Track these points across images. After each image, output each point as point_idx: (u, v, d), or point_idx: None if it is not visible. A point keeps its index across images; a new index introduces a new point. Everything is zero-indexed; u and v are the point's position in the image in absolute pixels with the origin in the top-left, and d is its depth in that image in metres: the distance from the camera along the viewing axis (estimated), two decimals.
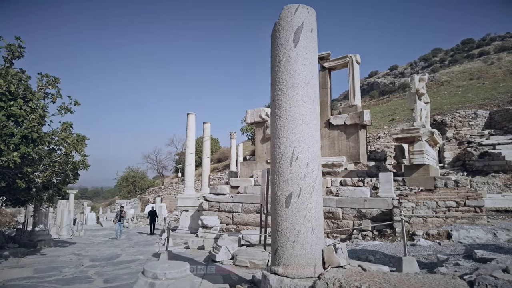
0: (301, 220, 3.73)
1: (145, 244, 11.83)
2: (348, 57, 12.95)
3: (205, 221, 10.14)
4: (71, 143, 8.11)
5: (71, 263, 8.17)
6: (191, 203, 13.55)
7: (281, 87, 4.01)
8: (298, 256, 3.67)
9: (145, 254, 9.23)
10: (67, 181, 10.02)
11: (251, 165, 12.64)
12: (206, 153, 15.96)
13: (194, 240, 9.99)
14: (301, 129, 3.89)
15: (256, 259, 6.25)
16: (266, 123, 12.41)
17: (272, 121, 4.09)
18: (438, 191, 7.37)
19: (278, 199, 3.85)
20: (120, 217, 15.74)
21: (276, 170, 3.93)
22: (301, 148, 3.85)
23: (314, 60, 4.17)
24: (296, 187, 3.78)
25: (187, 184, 14.12)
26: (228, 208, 11.60)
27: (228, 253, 6.89)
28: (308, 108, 3.96)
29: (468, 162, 16.82)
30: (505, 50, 53.97)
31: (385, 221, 8.48)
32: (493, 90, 26.88)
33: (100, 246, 11.74)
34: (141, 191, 42.81)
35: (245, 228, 10.98)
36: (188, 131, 14.35)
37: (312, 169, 3.88)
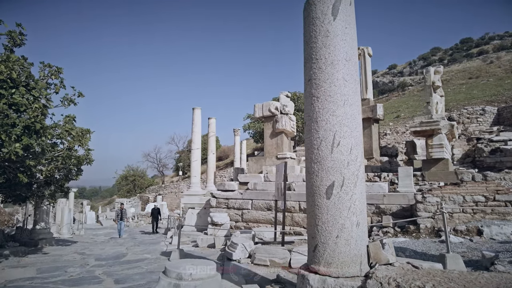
0: (344, 213, 3.32)
1: (150, 243, 11.40)
2: (360, 49, 12.55)
3: (215, 218, 9.73)
4: (76, 135, 7.66)
5: (76, 263, 7.73)
6: (198, 200, 13.13)
7: (318, 64, 3.59)
8: (342, 253, 3.26)
9: (153, 253, 8.81)
10: (69, 177, 9.57)
11: (259, 160, 12.22)
12: (212, 149, 15.54)
13: (204, 238, 9.57)
14: (343, 111, 3.47)
15: (277, 257, 5.84)
16: (275, 117, 12.00)
17: (307, 103, 3.67)
18: (465, 185, 6.99)
19: (317, 190, 3.43)
20: (121, 215, 15.13)
21: (313, 157, 3.51)
22: (343, 132, 3.43)
23: (354, 36, 3.76)
24: (338, 176, 3.36)
25: (193, 180, 13.70)
26: (237, 205, 11.18)
27: (245, 251, 6.47)
28: (350, 88, 3.55)
29: (479, 158, 16.47)
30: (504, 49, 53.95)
31: (405, 217, 8.10)
32: (499, 87, 26.59)
33: (103, 245, 11.29)
34: (141, 190, 42.28)
35: (256, 225, 10.57)
36: (194, 126, 13.92)
37: (355, 155, 3.47)
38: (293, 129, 12.09)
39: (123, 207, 15.78)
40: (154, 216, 17.29)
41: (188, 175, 44.62)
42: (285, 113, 11.94)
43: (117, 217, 15.21)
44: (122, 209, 15.41)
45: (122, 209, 15.42)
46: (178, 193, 33.91)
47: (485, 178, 6.86)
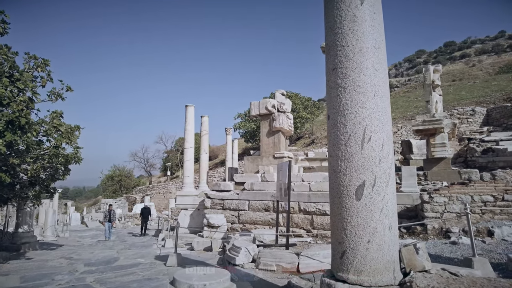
0: (376, 215, 3.00)
1: (142, 246, 10.87)
2: None
3: (211, 220, 9.32)
4: (64, 132, 7.11)
5: (63, 269, 7.19)
6: (191, 201, 12.66)
7: (345, 52, 3.27)
8: (374, 260, 2.95)
9: (146, 257, 8.32)
10: (56, 176, 8.97)
11: (256, 160, 11.86)
12: (204, 148, 15.08)
13: (200, 240, 9.15)
14: (374, 103, 3.16)
15: (284, 261, 5.50)
16: (272, 116, 11.66)
17: (332, 94, 3.34)
18: (473, 184, 6.82)
19: (345, 190, 3.11)
20: (109, 217, 14.35)
21: (340, 154, 3.18)
22: (374, 126, 3.12)
23: (382, 23, 3.45)
24: (369, 174, 3.05)
25: (186, 181, 13.22)
26: (234, 206, 10.79)
27: (249, 256, 6.11)
28: (380, 78, 3.25)
29: (471, 158, 16.57)
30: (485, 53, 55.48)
31: (410, 218, 7.91)
32: (486, 89, 27.06)
33: (92, 248, 10.70)
34: (127, 190, 41.27)
35: (253, 227, 10.21)
36: (187, 124, 13.44)
37: (387, 152, 3.16)
38: (290, 127, 11.79)
39: (112, 208, 14.97)
40: (144, 216, 16.28)
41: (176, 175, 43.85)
42: (283, 111, 11.63)
43: (105, 218, 14.44)
44: (110, 210, 14.61)
45: (111, 210, 14.64)
46: (166, 193, 33.20)
47: (494, 177, 6.71)
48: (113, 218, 14.52)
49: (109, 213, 14.52)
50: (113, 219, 14.53)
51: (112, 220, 14.40)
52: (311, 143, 30.22)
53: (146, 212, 16.49)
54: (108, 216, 14.41)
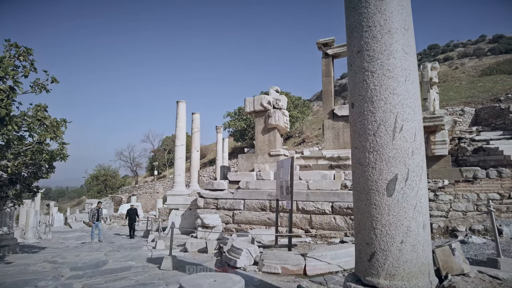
0: (410, 213, 2.70)
1: (131, 248, 10.34)
2: None
3: (206, 220, 8.91)
4: (50, 125, 6.58)
5: (47, 274, 6.66)
6: (182, 201, 12.20)
7: (372, 33, 2.96)
8: (408, 262, 2.64)
9: (137, 260, 7.85)
10: (39, 174, 8.39)
11: (250, 158, 11.50)
12: (196, 146, 14.63)
13: (194, 242, 8.72)
14: (405, 88, 2.86)
15: (289, 264, 5.17)
16: (268, 112, 11.33)
17: (357, 79, 3.02)
18: (479, 182, 6.67)
19: (374, 186, 2.79)
20: (98, 216, 13.34)
21: (368, 146, 2.87)
22: (406, 114, 2.82)
23: (409, 2, 3.16)
24: (402, 167, 2.74)
25: (177, 179, 12.74)
26: (228, 205, 10.40)
27: (250, 258, 5.75)
28: (410, 62, 2.95)
29: (462, 157, 16.68)
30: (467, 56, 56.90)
31: None
32: (472, 89, 27.52)
33: (77, 251, 10.11)
34: (112, 190, 40.18)
35: (249, 227, 9.85)
36: (178, 121, 12.96)
37: (420, 143, 2.87)
38: (286, 124, 11.49)
39: (101, 206, 13.97)
40: (131, 217, 15.19)
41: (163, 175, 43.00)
42: (278, 108, 11.31)
43: (93, 217, 13.32)
44: (99, 209, 13.62)
45: (99, 209, 13.63)
46: (154, 193, 32.43)
47: (500, 174, 6.57)
48: (101, 217, 13.63)
49: (97, 211, 13.48)
50: (101, 218, 13.65)
51: (100, 219, 13.49)
52: (302, 142, 30.08)
53: (133, 213, 15.29)
54: (97, 215, 13.36)
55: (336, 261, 5.13)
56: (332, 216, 8.65)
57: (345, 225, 8.47)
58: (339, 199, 8.63)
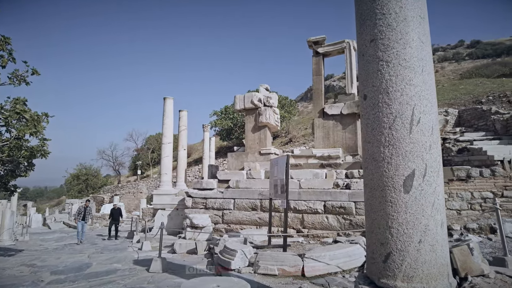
0: (428, 211, 2.55)
1: (116, 249, 9.91)
2: (345, 42, 12.13)
3: (195, 220, 8.62)
4: (30, 119, 6.14)
5: (25, 279, 6.22)
6: (169, 201, 11.83)
7: (387, 21, 2.79)
8: (427, 263, 2.49)
9: (123, 262, 7.48)
10: (17, 172, 7.89)
11: (240, 157, 11.26)
12: (183, 144, 14.26)
13: (182, 243, 8.40)
14: (422, 79, 2.71)
15: (287, 265, 4.98)
16: (258, 110, 11.12)
17: (371, 70, 2.85)
18: (473, 181, 6.68)
19: (390, 182, 2.62)
20: (84, 214, 12.30)
21: (383, 139, 2.70)
22: (423, 106, 2.67)
23: None
24: (419, 162, 2.59)
25: (163, 178, 12.35)
26: (217, 205, 10.13)
27: (245, 259, 5.51)
28: (427, 52, 2.80)
29: (447, 157, 16.97)
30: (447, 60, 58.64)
31: None
32: (455, 91, 28.21)
33: (58, 253, 9.60)
34: (94, 190, 39.02)
35: (239, 227, 9.61)
36: (165, 117, 12.57)
37: (437, 137, 2.73)
38: (277, 123, 11.32)
39: (88, 204, 12.90)
40: (115, 217, 14.03)
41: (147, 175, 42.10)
42: (269, 106, 11.13)
43: (78, 216, 12.24)
44: (86, 207, 12.57)
45: (87, 207, 12.59)
46: (137, 193, 31.65)
47: (493, 173, 6.60)
48: (88, 216, 12.73)
49: (84, 210, 12.39)
50: (88, 217, 12.71)
51: (87, 218, 12.57)
52: (289, 141, 30.05)
53: (116, 213, 14.13)
54: (83, 214, 12.28)
55: (335, 262, 4.98)
56: (325, 215, 8.53)
57: (338, 224, 8.36)
58: (332, 198, 8.51)
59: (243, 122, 32.06)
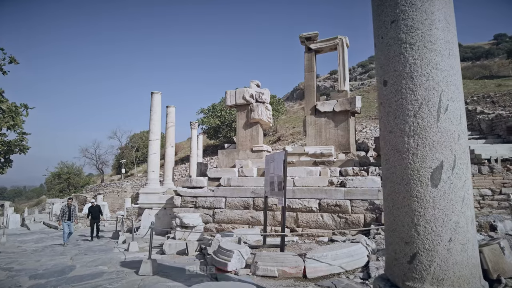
0: (458, 206, 2.33)
1: (101, 250, 9.42)
2: (338, 38, 11.98)
3: (186, 220, 8.27)
4: (7, 110, 5.65)
5: (2, 284, 5.75)
6: (157, 199, 11.40)
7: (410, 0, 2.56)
8: (458, 264, 2.27)
9: (110, 264, 7.05)
10: None
11: (231, 154, 10.94)
12: (170, 141, 13.83)
13: (172, 243, 8.03)
14: (449, 64, 2.48)
15: (287, 265, 4.72)
16: (250, 106, 10.83)
17: (392, 53, 2.60)
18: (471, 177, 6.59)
19: (416, 175, 2.39)
20: (69, 214, 11.23)
21: (407, 128, 2.46)
22: (451, 93, 2.44)
23: None
24: (448, 153, 2.36)
25: (150, 176, 11.89)
26: (208, 203, 9.79)
27: (242, 260, 5.23)
28: (453, 34, 2.58)
29: None
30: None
31: None
32: None
33: (38, 255, 9.03)
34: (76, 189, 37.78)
35: (230, 226, 9.30)
36: (153, 113, 12.11)
37: (465, 126, 2.52)
38: (269, 119, 11.05)
39: (71, 203, 11.80)
40: (94, 216, 12.93)
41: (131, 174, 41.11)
42: (262, 102, 10.85)
43: (63, 216, 11.27)
44: (70, 206, 11.54)
45: (71, 206, 11.55)
46: (121, 192, 30.82)
47: (492, 170, 6.55)
48: (73, 216, 11.46)
49: (68, 209, 11.37)
50: (74, 217, 11.48)
51: (73, 218, 11.39)
52: (277, 140, 29.88)
53: (96, 211, 13.10)
54: (68, 213, 11.25)
55: (338, 262, 4.75)
56: (320, 213, 8.33)
57: (333, 223, 8.17)
58: (327, 196, 8.32)
59: (231, 120, 31.74)
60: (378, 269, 4.45)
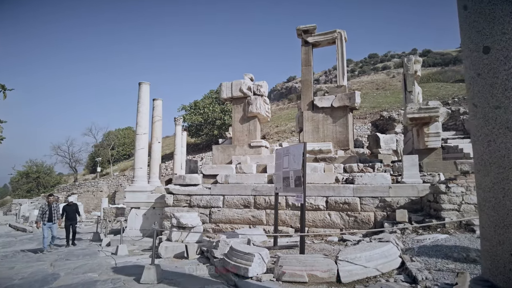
0: None
1: (84, 255, 8.48)
2: (336, 32, 11.63)
3: (183, 219, 7.55)
4: None
5: None
6: (145, 198, 10.55)
7: None
8: None
9: (100, 271, 6.22)
10: None
11: (227, 149, 10.29)
12: (157, 136, 12.97)
13: (168, 245, 7.29)
14: None
15: (318, 269, 4.18)
16: (248, 99, 10.23)
17: (499, 13, 2.13)
18: None
19: None
20: (50, 214, 9.40)
21: None
22: None
23: None
24: None
25: (138, 173, 11.01)
26: (204, 202, 9.10)
27: (263, 264, 4.64)
28: None
29: None
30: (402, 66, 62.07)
31: (415, 211, 7.26)
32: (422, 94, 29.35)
33: (10, 262, 7.97)
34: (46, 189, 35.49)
35: (229, 227, 8.67)
36: (141, 105, 11.24)
37: None
38: (268, 113, 10.51)
39: (53, 200, 9.76)
40: (70, 217, 10.63)
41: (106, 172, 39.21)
42: (260, 95, 10.29)
43: (42, 217, 9.41)
44: (51, 204, 9.54)
45: (52, 204, 9.55)
46: (97, 192, 29.20)
47: None
48: (57, 215, 9.68)
49: (49, 208, 9.47)
50: (56, 217, 9.62)
51: (56, 217, 9.61)
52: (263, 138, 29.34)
53: (72, 210, 10.83)
54: (48, 213, 9.36)
55: (373, 264, 4.28)
56: (327, 212, 7.88)
57: (341, 222, 7.75)
58: (335, 193, 7.89)
59: (215, 118, 30.93)
60: (420, 271, 4.02)
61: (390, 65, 66.33)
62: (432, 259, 4.55)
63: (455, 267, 4.16)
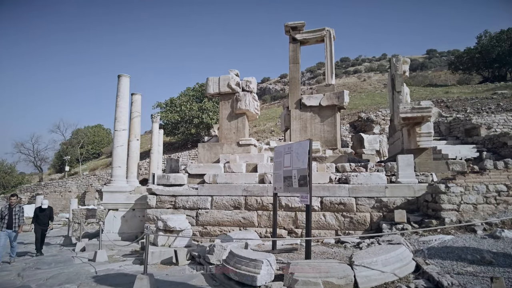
0: None
1: (56, 262, 7.66)
2: (325, 30, 11.47)
3: (171, 222, 7.02)
4: None
5: None
6: (124, 199, 9.82)
7: None
8: None
9: (78, 281, 5.55)
10: None
11: (214, 148, 9.78)
12: (136, 133, 12.17)
13: (155, 250, 6.72)
14: None
15: (334, 276, 3.86)
16: (236, 95, 9.79)
17: None
18: (488, 173, 6.39)
19: None
20: (11, 219, 8.07)
21: None
22: None
23: None
24: None
25: (116, 172, 10.24)
26: (190, 203, 8.56)
27: (271, 271, 4.25)
28: None
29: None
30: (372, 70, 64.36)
31: (412, 211, 7.17)
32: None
33: None
34: (6, 189, 32.98)
35: (218, 229, 8.20)
36: (120, 99, 10.47)
37: None
38: (257, 111, 10.10)
39: (16, 202, 8.46)
40: (43, 223, 9.59)
41: (75, 172, 37.09)
42: (249, 91, 9.87)
43: (1, 221, 8.02)
44: (13, 206, 8.25)
45: (14, 206, 8.25)
46: (65, 192, 27.47)
47: (507, 165, 6.39)
48: (19, 221, 8.26)
49: (9, 211, 8.12)
50: (19, 223, 8.27)
51: (18, 223, 8.23)
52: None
53: (45, 216, 9.72)
54: (8, 217, 8.04)
55: (389, 268, 4.02)
56: (322, 213, 7.62)
57: (336, 223, 7.52)
58: (330, 193, 7.65)
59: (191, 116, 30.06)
60: (441, 275, 3.80)
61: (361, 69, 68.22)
62: (446, 261, 4.37)
63: (474, 270, 3.99)
